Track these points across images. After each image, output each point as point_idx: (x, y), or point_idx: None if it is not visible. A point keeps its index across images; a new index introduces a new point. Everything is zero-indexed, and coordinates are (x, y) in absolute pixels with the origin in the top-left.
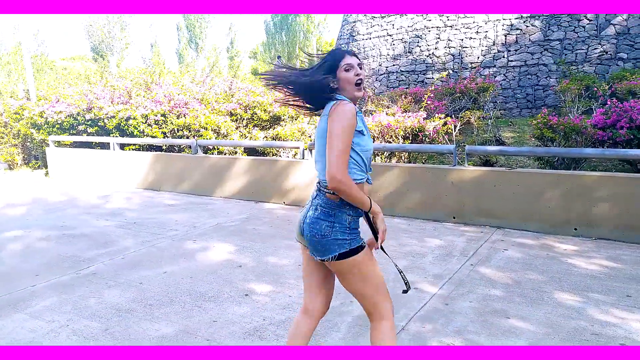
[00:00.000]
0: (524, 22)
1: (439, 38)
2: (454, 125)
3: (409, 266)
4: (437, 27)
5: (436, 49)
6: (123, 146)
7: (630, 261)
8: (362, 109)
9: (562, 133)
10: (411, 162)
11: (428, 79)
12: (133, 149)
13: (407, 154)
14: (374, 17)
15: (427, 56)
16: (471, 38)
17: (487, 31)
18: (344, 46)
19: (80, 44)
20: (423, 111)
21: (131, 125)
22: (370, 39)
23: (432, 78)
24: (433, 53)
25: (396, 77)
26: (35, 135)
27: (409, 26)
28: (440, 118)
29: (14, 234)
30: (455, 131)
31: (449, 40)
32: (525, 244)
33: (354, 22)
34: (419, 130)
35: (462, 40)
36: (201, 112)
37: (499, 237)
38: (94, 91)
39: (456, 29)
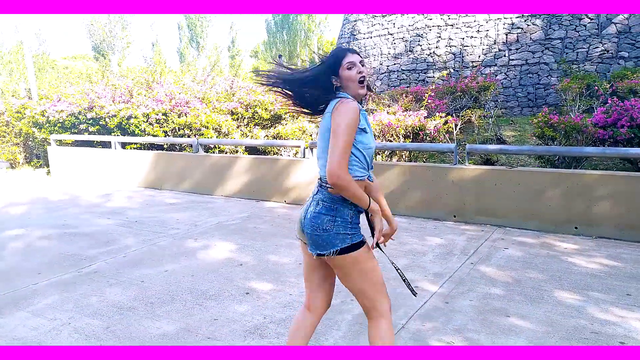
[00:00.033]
0: (525, 21)
1: (440, 37)
2: (455, 124)
3: (409, 265)
4: (438, 26)
5: (437, 47)
6: (124, 145)
7: (631, 260)
8: (363, 107)
9: (562, 132)
10: (412, 160)
11: (429, 77)
12: (134, 148)
13: (408, 152)
14: (374, 16)
15: (428, 55)
16: (472, 37)
17: (488, 30)
18: (344, 45)
19: (81, 43)
20: (424, 110)
21: (132, 124)
22: (371, 37)
23: (433, 77)
24: (434, 52)
25: (397, 76)
26: (36, 134)
27: (410, 25)
28: (441, 117)
29: (16, 233)
30: (456, 130)
31: (450, 39)
32: (525, 243)
33: (355, 21)
34: (419, 129)
35: (463, 39)
36: (202, 111)
37: (499, 235)
38: (96, 90)
39: (457, 28)
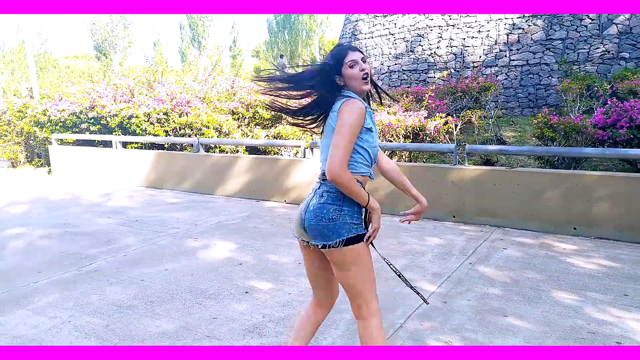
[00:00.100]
0: (526, 21)
1: (441, 37)
2: (455, 125)
3: (408, 265)
4: (439, 26)
5: (438, 48)
6: (125, 144)
7: (629, 261)
8: (370, 105)
9: (562, 132)
10: (412, 161)
11: (430, 78)
12: (135, 147)
13: (408, 152)
14: (376, 16)
15: (429, 55)
16: (473, 37)
17: (489, 30)
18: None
19: (83, 42)
20: (424, 110)
21: (133, 124)
22: (373, 38)
23: (434, 77)
24: (435, 52)
25: (398, 76)
26: (38, 133)
27: (411, 25)
28: (441, 117)
29: (17, 232)
30: (456, 130)
31: (451, 39)
32: (524, 243)
33: (356, 21)
34: (419, 129)
35: (464, 39)
36: (203, 110)
37: (498, 236)
38: (97, 89)
39: (458, 28)
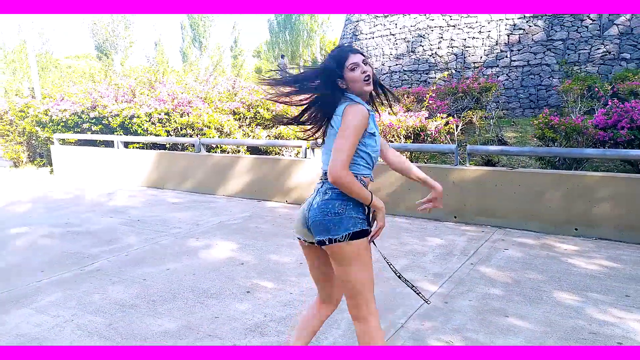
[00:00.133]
0: (526, 22)
1: (441, 38)
2: (456, 125)
3: (409, 265)
4: (440, 26)
5: (439, 48)
6: (127, 144)
7: (630, 261)
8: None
9: (563, 133)
10: (413, 161)
11: (431, 78)
12: (137, 147)
13: (409, 153)
14: (377, 16)
15: (430, 56)
16: (474, 38)
17: (490, 31)
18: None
19: (84, 42)
20: (425, 111)
21: (135, 124)
22: (373, 38)
23: (435, 78)
24: (436, 53)
25: (399, 77)
26: (40, 133)
27: (412, 26)
28: (442, 117)
29: (19, 231)
30: (457, 131)
31: (451, 40)
32: (525, 244)
33: (357, 21)
34: (420, 129)
35: (465, 40)
36: (204, 110)
37: (499, 236)
38: (98, 89)
39: (459, 29)
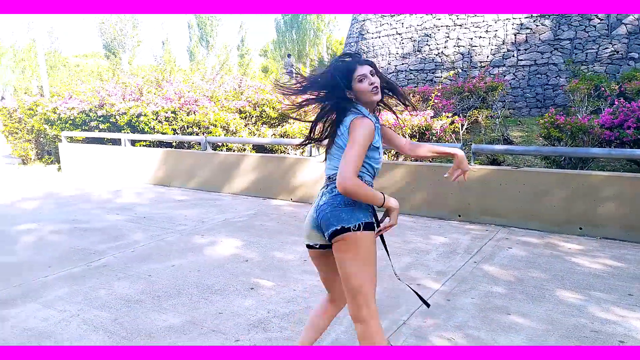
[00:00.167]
0: (534, 21)
1: (448, 37)
2: (462, 124)
3: (412, 263)
4: (447, 26)
5: (445, 47)
6: (134, 142)
7: (634, 261)
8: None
9: (569, 133)
10: (417, 160)
11: (437, 77)
12: (144, 145)
13: None
14: (383, 15)
15: (436, 55)
16: (481, 37)
17: (496, 30)
18: (353, 45)
19: (92, 41)
20: (430, 110)
21: (142, 122)
22: (380, 37)
23: (441, 77)
24: (442, 52)
25: (405, 76)
26: (48, 130)
27: (418, 25)
28: (447, 117)
29: (27, 227)
30: (463, 130)
31: (458, 39)
32: (529, 243)
33: (364, 20)
34: (426, 128)
35: (472, 39)
36: (211, 109)
37: (503, 235)
38: (106, 88)
39: (466, 28)
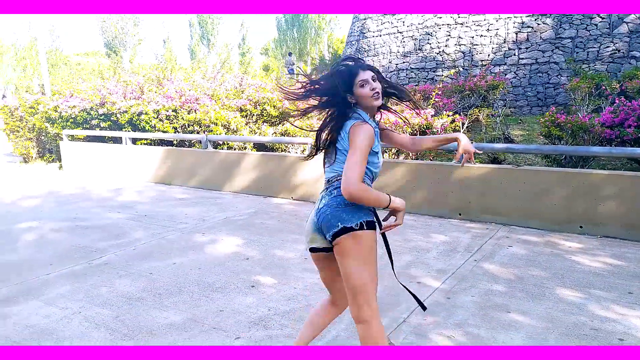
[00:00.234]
0: (535, 20)
1: (449, 35)
2: (462, 123)
3: (413, 261)
4: (448, 24)
5: (446, 46)
6: (135, 141)
7: (635, 259)
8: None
9: (569, 131)
10: (418, 159)
11: (438, 76)
12: (145, 144)
13: None
14: (384, 14)
15: (438, 54)
16: (482, 36)
17: (498, 29)
18: (354, 43)
19: (94, 39)
20: (431, 108)
21: (143, 120)
22: (381, 36)
23: (442, 75)
24: (443, 50)
25: (406, 75)
26: (49, 129)
27: (419, 23)
28: (448, 115)
29: (29, 225)
30: (463, 129)
31: (459, 37)
32: (529, 241)
33: (365, 19)
34: (426, 127)
35: (473, 37)
36: (211, 107)
37: (504, 234)
38: (107, 86)
39: (467, 27)
